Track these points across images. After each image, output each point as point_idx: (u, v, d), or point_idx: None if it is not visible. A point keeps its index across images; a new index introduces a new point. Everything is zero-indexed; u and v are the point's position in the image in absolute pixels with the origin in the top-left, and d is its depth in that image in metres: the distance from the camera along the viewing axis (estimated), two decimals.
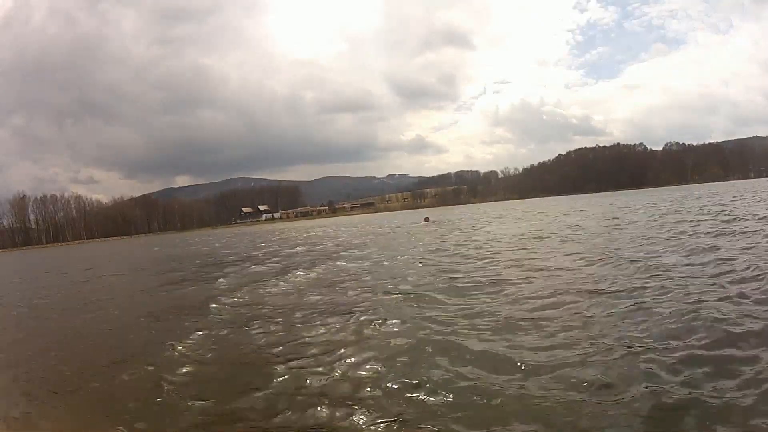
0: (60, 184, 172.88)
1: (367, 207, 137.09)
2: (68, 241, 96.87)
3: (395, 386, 3.11)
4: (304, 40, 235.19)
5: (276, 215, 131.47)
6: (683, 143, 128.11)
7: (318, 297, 6.35)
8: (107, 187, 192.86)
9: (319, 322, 4.90)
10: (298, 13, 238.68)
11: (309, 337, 4.40)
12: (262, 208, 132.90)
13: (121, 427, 2.88)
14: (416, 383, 3.09)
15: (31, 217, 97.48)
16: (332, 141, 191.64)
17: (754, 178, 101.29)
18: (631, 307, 4.36)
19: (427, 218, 31.20)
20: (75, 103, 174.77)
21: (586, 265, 7.05)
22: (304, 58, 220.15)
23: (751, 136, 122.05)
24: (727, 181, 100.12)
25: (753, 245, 7.35)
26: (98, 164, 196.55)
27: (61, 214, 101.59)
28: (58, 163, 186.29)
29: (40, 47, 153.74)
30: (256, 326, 4.97)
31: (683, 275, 5.56)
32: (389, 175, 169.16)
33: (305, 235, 30.27)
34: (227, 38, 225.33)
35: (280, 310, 5.72)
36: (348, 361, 3.64)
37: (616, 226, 13.56)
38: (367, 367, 3.50)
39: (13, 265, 28.91)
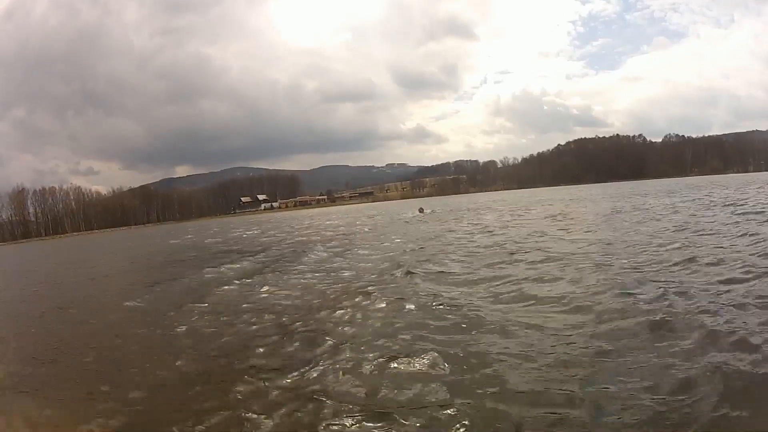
0: (60, 176, 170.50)
1: (366, 196, 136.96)
2: (67, 232, 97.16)
3: None
4: (307, 30, 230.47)
5: (275, 205, 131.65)
6: (682, 135, 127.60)
7: None
8: (107, 178, 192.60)
9: None
10: (300, 2, 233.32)
11: None
12: (261, 197, 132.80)
13: None
14: None
15: (31, 209, 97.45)
16: (333, 130, 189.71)
17: (754, 171, 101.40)
18: None
19: (422, 209, 28.66)
20: (76, 95, 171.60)
21: None
22: (306, 47, 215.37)
23: (751, 129, 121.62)
24: (727, 174, 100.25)
25: None
26: (98, 155, 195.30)
27: (61, 206, 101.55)
28: (58, 155, 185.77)
29: (41, 39, 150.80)
30: None
31: None
32: (388, 164, 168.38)
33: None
34: (229, 28, 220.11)
35: None
36: None
37: None
38: None
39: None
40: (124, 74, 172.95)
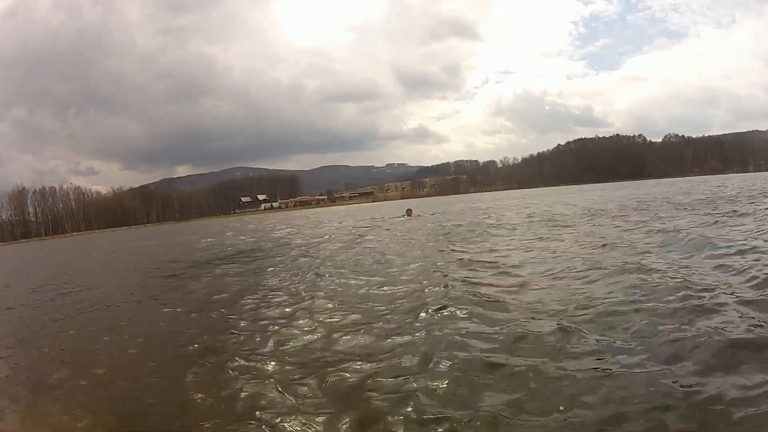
0: (60, 176, 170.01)
1: (366, 196, 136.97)
2: (67, 232, 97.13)
3: None
4: (309, 30, 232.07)
5: (275, 205, 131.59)
6: (682, 135, 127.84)
7: None
8: (107, 178, 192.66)
9: None
10: (303, 2, 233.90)
11: None
12: (261, 197, 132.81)
13: None
14: None
15: (31, 209, 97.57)
16: (334, 130, 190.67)
17: (754, 171, 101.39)
18: None
19: (410, 210, 26.33)
20: (77, 94, 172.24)
21: None
22: (308, 47, 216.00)
23: (751, 129, 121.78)
24: (726, 174, 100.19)
25: None
26: (99, 155, 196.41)
27: (61, 206, 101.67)
28: (58, 154, 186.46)
29: (43, 38, 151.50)
30: None
31: None
32: (388, 164, 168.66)
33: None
34: (232, 27, 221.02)
35: None
36: None
37: None
38: None
39: None
40: (125, 74, 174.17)
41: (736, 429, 2.35)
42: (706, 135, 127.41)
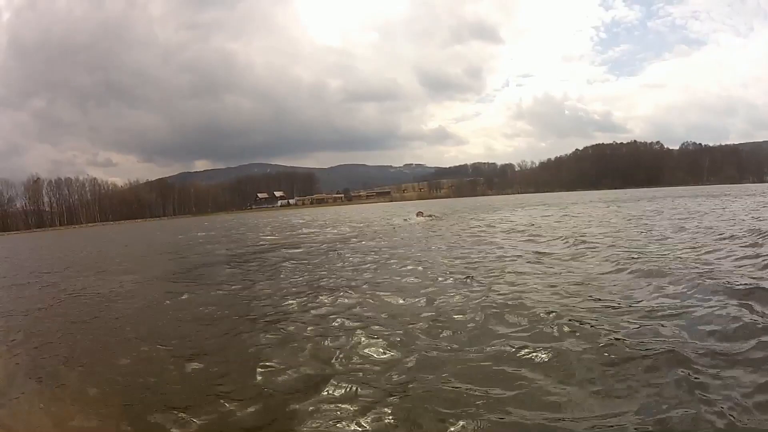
0: (77, 167, 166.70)
1: (383, 196, 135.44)
2: (81, 223, 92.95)
3: None
4: (333, 28, 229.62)
5: (291, 202, 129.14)
6: (699, 143, 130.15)
7: None
8: (125, 170, 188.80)
9: None
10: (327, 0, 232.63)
11: None
12: (277, 194, 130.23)
13: None
14: None
15: (46, 199, 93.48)
16: (354, 129, 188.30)
17: None
18: None
19: (421, 213, 25.10)
20: (98, 86, 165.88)
21: None
22: (331, 45, 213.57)
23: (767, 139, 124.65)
24: (742, 183, 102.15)
25: None
26: (117, 147, 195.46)
27: (76, 197, 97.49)
28: (76, 145, 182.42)
29: (65, 28, 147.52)
30: None
31: None
32: (406, 164, 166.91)
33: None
34: (255, 23, 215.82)
35: None
36: None
37: None
38: None
39: None
40: (147, 67, 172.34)
41: None
42: (723, 144, 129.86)
